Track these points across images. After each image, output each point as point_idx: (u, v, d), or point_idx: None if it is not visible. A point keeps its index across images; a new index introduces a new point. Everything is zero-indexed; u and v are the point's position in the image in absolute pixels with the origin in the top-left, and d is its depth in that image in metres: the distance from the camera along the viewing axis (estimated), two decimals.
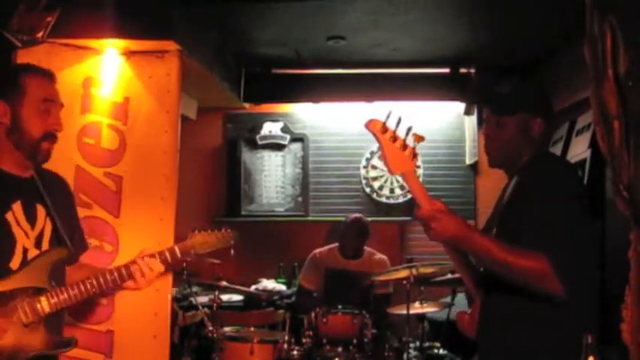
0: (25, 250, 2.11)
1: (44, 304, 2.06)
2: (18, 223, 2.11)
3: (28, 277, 2.06)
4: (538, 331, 1.92)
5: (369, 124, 1.84)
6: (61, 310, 2.13)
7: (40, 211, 2.18)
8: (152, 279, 2.27)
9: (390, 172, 1.88)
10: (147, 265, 2.24)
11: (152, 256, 2.28)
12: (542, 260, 1.81)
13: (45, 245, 2.16)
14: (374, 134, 1.84)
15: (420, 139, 1.82)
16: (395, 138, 1.83)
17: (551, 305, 1.86)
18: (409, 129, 1.82)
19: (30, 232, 2.13)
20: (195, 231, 2.40)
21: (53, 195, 2.23)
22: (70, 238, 2.23)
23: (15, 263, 2.08)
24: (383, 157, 1.87)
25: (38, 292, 2.07)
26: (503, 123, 2.11)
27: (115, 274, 2.21)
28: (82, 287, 2.13)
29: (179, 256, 2.34)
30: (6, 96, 2.14)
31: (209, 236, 2.41)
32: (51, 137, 2.18)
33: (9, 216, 2.09)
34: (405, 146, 1.83)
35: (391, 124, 1.83)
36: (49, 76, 2.23)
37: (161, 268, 2.29)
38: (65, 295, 2.10)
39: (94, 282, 2.16)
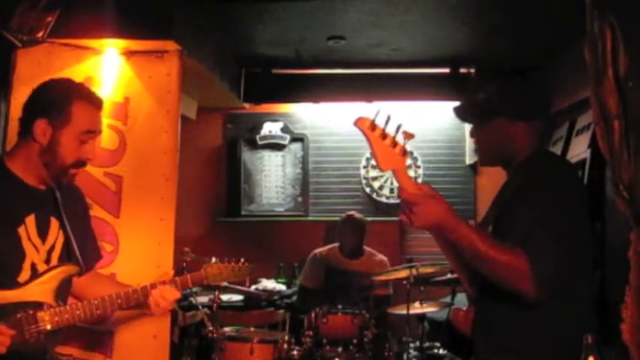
0: (34, 265, 2.06)
1: (47, 321, 2.02)
2: (29, 238, 2.06)
3: (34, 291, 2.02)
4: (529, 334, 1.91)
5: (358, 122, 1.81)
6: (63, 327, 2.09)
7: (54, 224, 2.13)
8: (168, 307, 2.26)
9: (380, 168, 1.86)
10: (161, 294, 2.22)
11: (163, 283, 2.24)
12: (522, 259, 1.79)
13: (54, 260, 2.11)
14: (363, 132, 1.82)
15: (409, 136, 1.81)
16: (384, 135, 1.81)
17: (541, 308, 1.84)
18: (399, 126, 1.80)
19: (40, 247, 2.09)
20: (213, 259, 2.36)
21: (69, 206, 2.18)
22: (82, 251, 2.19)
23: (23, 278, 2.03)
24: (372, 154, 1.85)
25: (43, 307, 2.02)
26: (481, 129, 2.10)
27: (123, 297, 2.18)
28: (86, 309, 2.10)
29: (190, 285, 2.33)
30: (50, 116, 2.06)
31: (225, 268, 2.38)
32: (81, 165, 2.14)
33: (21, 230, 2.05)
34: (394, 143, 1.81)
35: (380, 122, 1.81)
36: (98, 105, 2.16)
37: (177, 294, 2.26)
38: (68, 315, 2.06)
39: (100, 304, 2.13)
